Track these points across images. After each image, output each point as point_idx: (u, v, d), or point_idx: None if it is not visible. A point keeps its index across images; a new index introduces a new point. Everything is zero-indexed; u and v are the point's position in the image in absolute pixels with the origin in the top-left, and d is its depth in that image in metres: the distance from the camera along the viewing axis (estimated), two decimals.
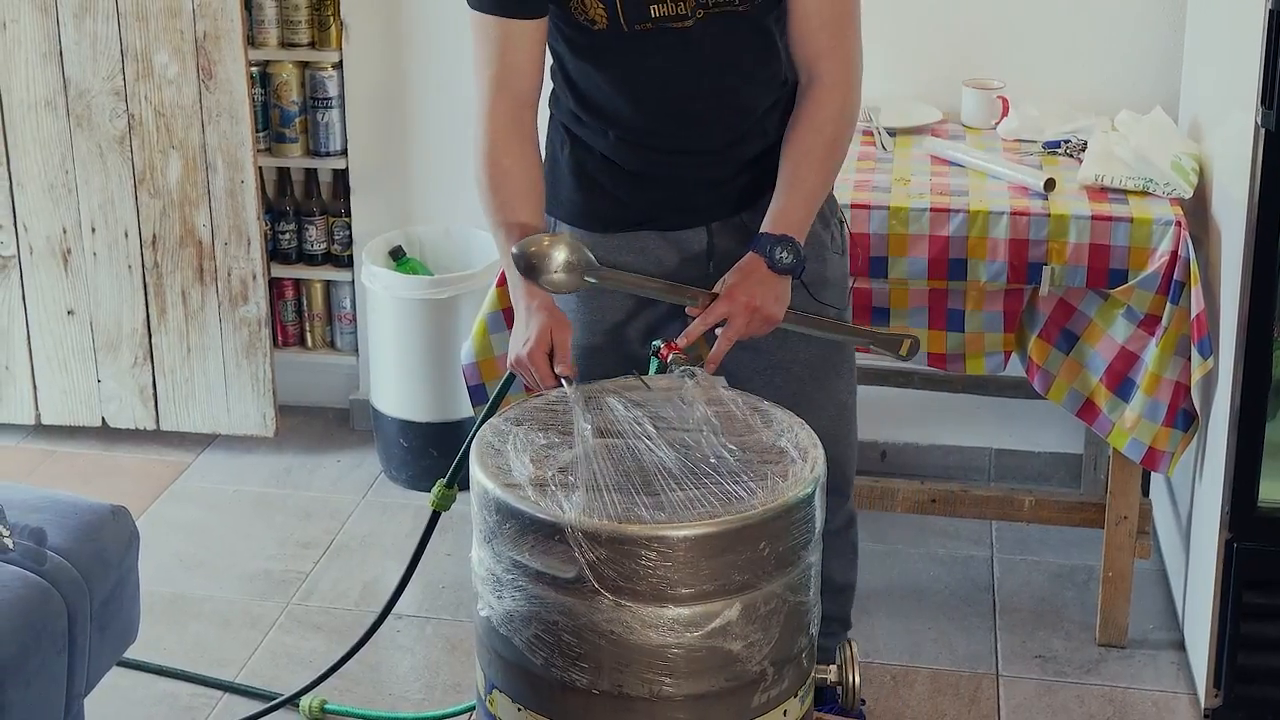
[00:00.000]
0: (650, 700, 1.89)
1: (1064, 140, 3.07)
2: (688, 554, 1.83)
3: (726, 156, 2.31)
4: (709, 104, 2.27)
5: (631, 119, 2.28)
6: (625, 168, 2.31)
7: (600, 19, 2.17)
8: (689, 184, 2.32)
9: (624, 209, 2.33)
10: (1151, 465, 2.83)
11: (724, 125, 2.29)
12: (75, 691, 2.30)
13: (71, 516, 2.37)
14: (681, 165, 2.31)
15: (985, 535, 3.39)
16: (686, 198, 2.33)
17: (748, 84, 2.27)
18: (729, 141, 2.30)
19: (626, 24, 2.17)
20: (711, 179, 2.32)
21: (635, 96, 2.26)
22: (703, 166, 2.31)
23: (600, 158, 2.32)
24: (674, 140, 2.29)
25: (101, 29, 3.49)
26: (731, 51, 2.23)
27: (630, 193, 2.33)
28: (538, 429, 2.03)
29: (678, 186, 2.32)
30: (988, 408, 3.53)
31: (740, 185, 2.33)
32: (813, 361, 2.41)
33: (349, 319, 3.85)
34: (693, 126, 2.28)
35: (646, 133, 2.29)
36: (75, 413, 3.77)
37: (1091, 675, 2.93)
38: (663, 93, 2.25)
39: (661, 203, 2.33)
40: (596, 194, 2.33)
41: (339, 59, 3.64)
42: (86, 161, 3.58)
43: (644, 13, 2.16)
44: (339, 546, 3.38)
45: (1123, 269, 2.76)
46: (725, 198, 2.34)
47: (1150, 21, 3.28)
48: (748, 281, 2.18)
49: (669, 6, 2.16)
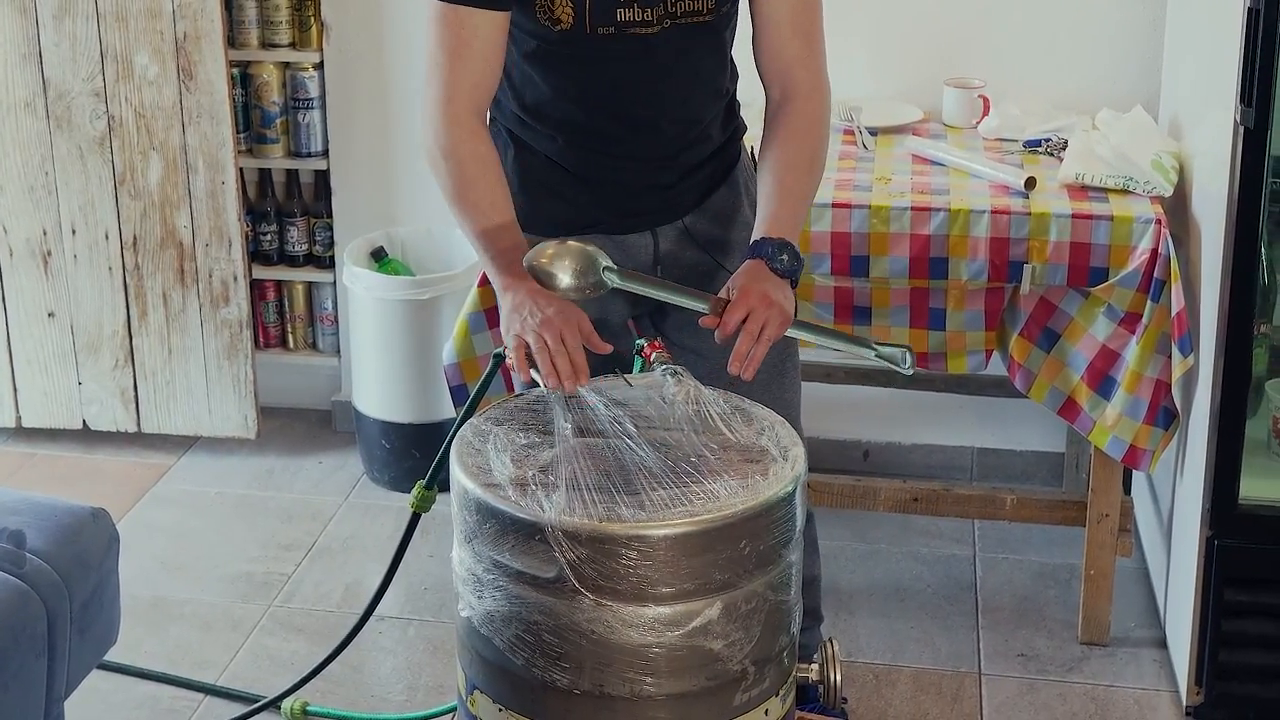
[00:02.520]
0: (631, 700, 1.88)
1: (1045, 139, 3.08)
2: (668, 553, 1.83)
3: (673, 163, 2.33)
4: (660, 111, 2.28)
5: (582, 124, 2.28)
6: (572, 172, 2.32)
7: (566, 19, 2.17)
8: (636, 189, 2.33)
9: (571, 212, 2.33)
10: (1133, 463, 2.84)
11: (674, 132, 2.31)
12: (55, 695, 2.29)
13: (51, 519, 2.37)
14: (629, 170, 2.32)
15: (967, 534, 3.39)
16: (633, 202, 2.34)
17: (699, 92, 2.30)
18: (678, 148, 2.32)
19: (590, 26, 2.17)
20: (658, 184, 2.34)
21: (588, 102, 2.27)
22: (650, 172, 2.32)
23: (547, 161, 2.32)
24: (623, 146, 2.30)
25: (81, 30, 3.48)
26: (688, 60, 2.26)
27: (577, 197, 2.33)
28: (518, 429, 2.03)
29: (624, 191, 2.33)
30: (970, 407, 3.53)
31: (684, 190, 2.35)
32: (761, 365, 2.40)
33: (330, 320, 3.84)
34: (643, 133, 2.30)
35: (597, 137, 2.29)
36: (56, 415, 3.76)
37: (1074, 673, 2.94)
38: (616, 98, 2.26)
39: (608, 207, 2.34)
40: (543, 198, 2.33)
41: (320, 59, 3.64)
42: (66, 163, 3.57)
43: (610, 16, 2.17)
44: (321, 548, 3.37)
45: (1103, 267, 2.76)
46: (670, 202, 2.35)
47: (1130, 21, 3.29)
48: (758, 282, 2.16)
49: (635, 11, 2.17)
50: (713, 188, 2.37)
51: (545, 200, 2.33)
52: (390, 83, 3.64)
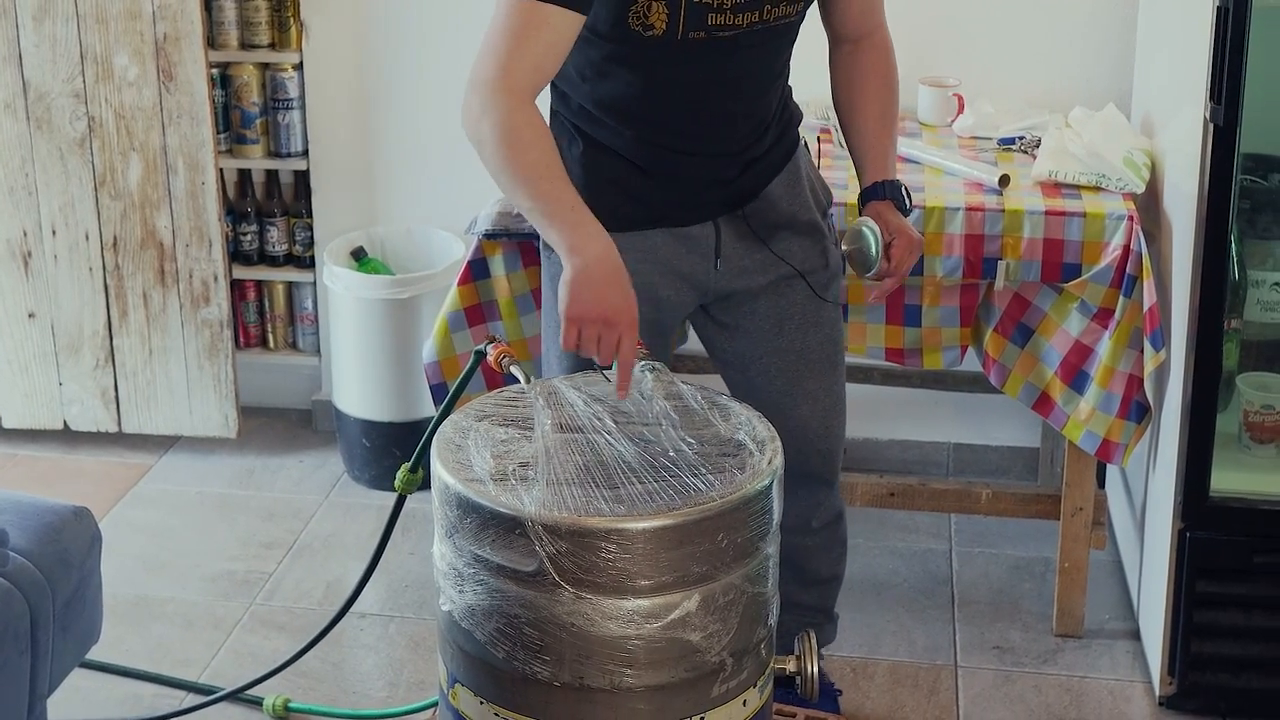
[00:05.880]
0: (611, 691, 1.91)
1: (1019, 137, 3.11)
2: (647, 546, 1.86)
3: (739, 157, 2.37)
4: (737, 107, 2.32)
5: (658, 120, 2.29)
6: (641, 167, 2.32)
7: (660, 25, 2.17)
8: (702, 183, 2.37)
9: (636, 208, 2.33)
10: (1106, 457, 2.86)
11: (746, 127, 2.35)
12: (38, 692, 2.30)
13: (33, 518, 2.38)
14: (697, 165, 2.34)
15: (943, 528, 3.42)
16: (698, 196, 2.38)
17: (773, 86, 2.36)
18: (745, 143, 2.36)
19: (682, 32, 2.18)
20: (722, 178, 2.37)
21: (667, 99, 2.27)
22: (717, 167, 2.36)
23: (615, 156, 2.32)
24: (695, 142, 2.32)
25: (61, 31, 3.49)
26: (766, 58, 2.30)
27: (643, 192, 2.34)
28: (498, 424, 2.05)
29: (690, 185, 2.36)
30: (945, 402, 3.56)
31: (746, 181, 2.39)
32: (808, 351, 2.47)
33: (311, 320, 3.85)
34: (718, 128, 2.32)
35: (670, 133, 2.31)
36: (36, 416, 3.76)
37: (1048, 665, 2.97)
38: (696, 96, 2.28)
39: (673, 201, 2.36)
40: (609, 193, 2.29)
41: (299, 60, 3.65)
42: (47, 164, 3.58)
43: (702, 22, 2.18)
44: (302, 547, 3.39)
45: (1076, 263, 2.79)
46: (731, 195, 2.39)
47: (1103, 19, 3.32)
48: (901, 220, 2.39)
49: (728, 16, 2.19)
50: (771, 176, 2.41)
51: (611, 195, 2.29)
52: (370, 83, 3.65)
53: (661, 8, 2.15)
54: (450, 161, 3.62)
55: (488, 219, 2.87)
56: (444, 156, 3.63)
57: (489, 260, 2.89)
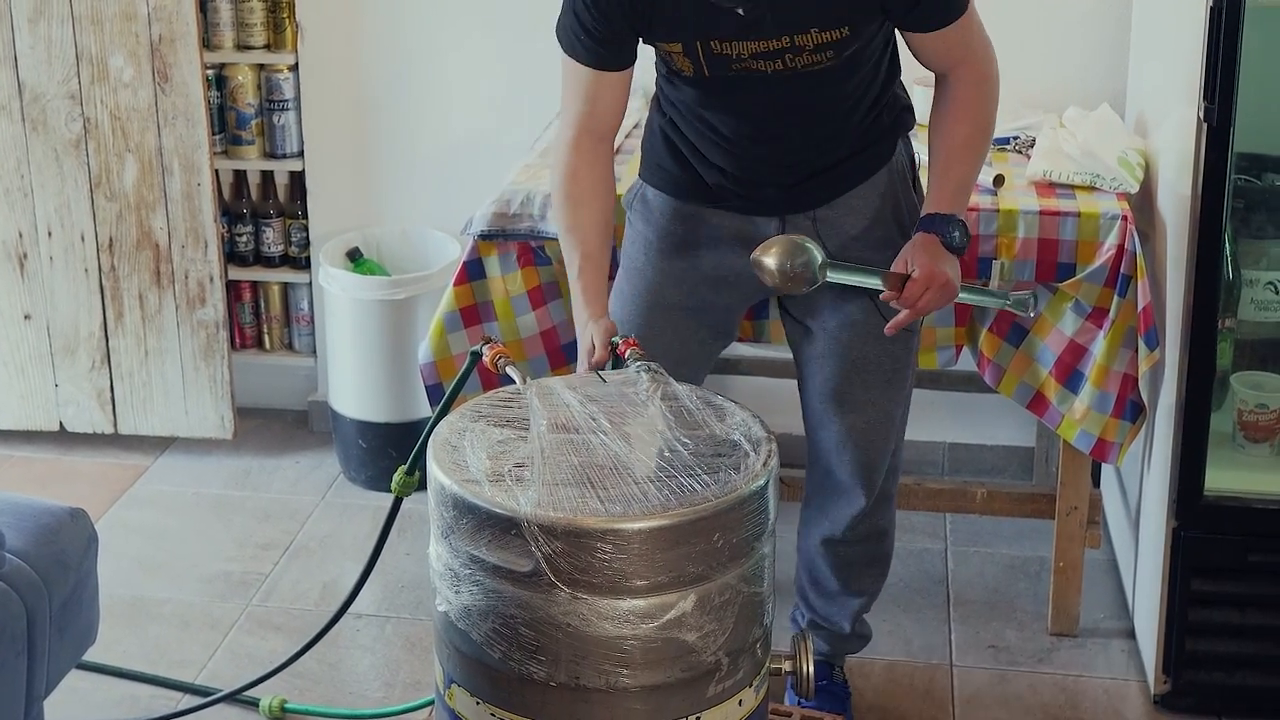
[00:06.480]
0: (607, 691, 1.91)
1: (1013, 137, 3.11)
2: (642, 546, 1.86)
3: (797, 168, 2.41)
4: (789, 128, 2.37)
5: (718, 127, 2.39)
6: (709, 158, 2.43)
7: (688, 70, 2.30)
8: (760, 183, 2.42)
9: (704, 188, 2.45)
10: (1101, 456, 2.87)
11: (800, 143, 2.39)
12: (35, 694, 2.30)
13: (29, 519, 2.38)
14: (754, 168, 2.41)
15: (939, 528, 3.42)
16: (758, 192, 2.42)
17: (830, 113, 2.37)
18: (803, 156, 2.40)
19: (710, 73, 2.29)
20: (781, 183, 2.41)
21: (720, 116, 2.37)
22: (773, 173, 2.41)
23: (688, 142, 2.44)
24: (750, 151, 2.39)
25: (56, 33, 3.49)
26: (815, 94, 2.32)
27: (710, 176, 2.44)
28: (494, 424, 2.05)
29: (750, 184, 2.42)
30: (941, 402, 3.56)
31: (812, 187, 2.42)
32: (865, 363, 2.50)
33: (306, 321, 3.85)
34: (774, 143, 2.38)
35: (729, 140, 2.39)
36: (32, 417, 3.76)
37: (1044, 664, 2.97)
38: (744, 118, 2.36)
39: (735, 191, 2.42)
40: (685, 168, 2.45)
41: (295, 61, 3.65)
42: (42, 165, 3.58)
43: (725, 68, 2.26)
44: (298, 547, 3.39)
45: (1070, 263, 2.80)
46: (794, 197, 2.43)
47: (1097, 19, 3.32)
48: (935, 259, 2.28)
49: (746, 64, 2.25)
50: (846, 186, 2.43)
51: (685, 170, 2.45)
52: (365, 84, 3.66)
53: (684, 58, 2.28)
54: (445, 162, 3.63)
55: (483, 219, 2.88)
56: (439, 157, 3.64)
57: (485, 261, 2.89)
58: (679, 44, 2.26)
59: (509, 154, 3.26)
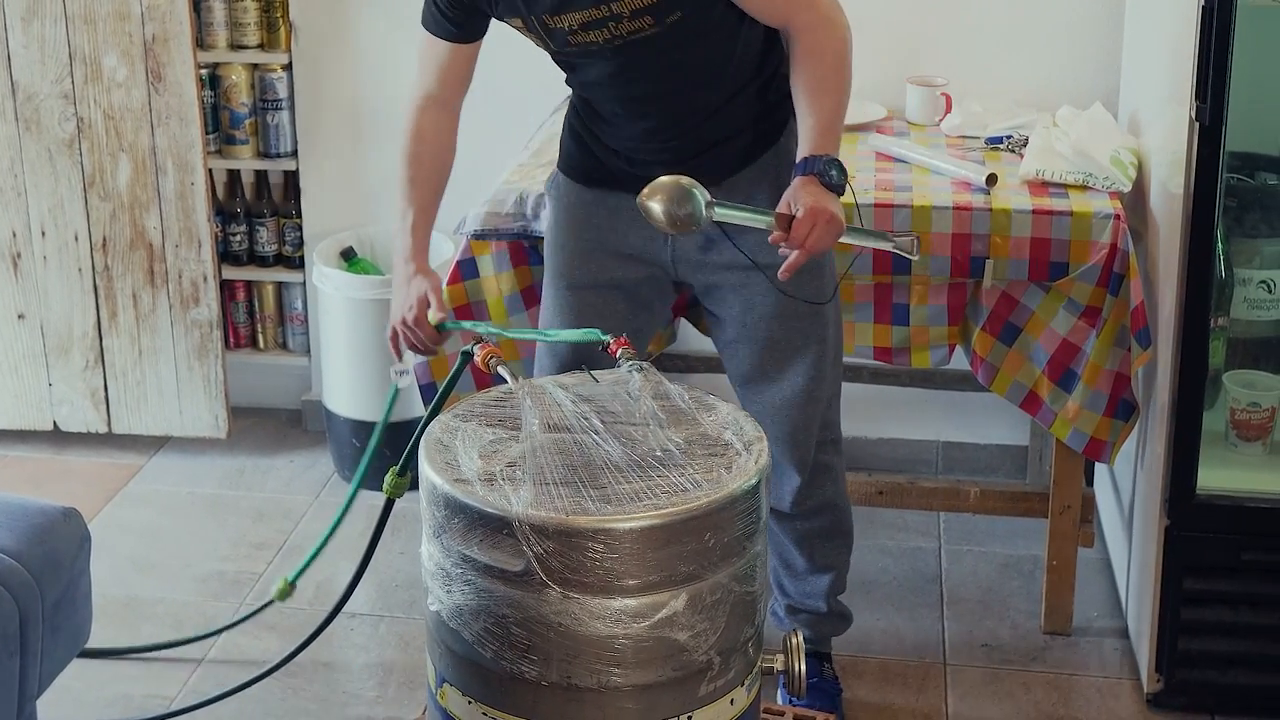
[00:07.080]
0: (599, 691, 1.91)
1: (1006, 136, 3.11)
2: (634, 546, 1.86)
3: (685, 147, 2.46)
4: (653, 104, 2.44)
5: (596, 108, 2.50)
6: (602, 140, 2.53)
7: (539, 43, 2.42)
8: (644, 161, 2.48)
9: (600, 168, 2.55)
10: (1094, 455, 2.87)
11: (675, 121, 2.45)
12: (28, 693, 2.30)
13: (22, 519, 2.37)
14: (635, 144, 2.48)
15: (933, 526, 3.43)
16: (651, 173, 2.41)
17: (694, 87, 2.42)
18: (679, 131, 2.46)
19: (556, 48, 2.40)
20: (661, 160, 2.45)
21: (595, 95, 2.49)
22: (652, 150, 2.48)
23: (586, 126, 2.55)
24: (626, 127, 2.48)
25: (49, 32, 3.49)
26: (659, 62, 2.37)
27: (605, 158, 2.54)
28: (486, 424, 2.05)
29: (644, 166, 2.45)
30: (934, 401, 3.57)
31: (699, 168, 2.41)
32: (777, 342, 2.55)
33: (300, 320, 3.85)
34: (646, 120, 2.46)
35: (608, 121, 2.50)
36: (26, 417, 3.76)
37: (1037, 663, 2.98)
38: (609, 96, 2.45)
39: (632, 176, 2.45)
40: (585, 153, 2.57)
41: (288, 60, 3.65)
42: (36, 165, 3.58)
43: (564, 43, 2.35)
44: (292, 547, 3.39)
45: (1063, 262, 2.80)
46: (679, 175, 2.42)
47: (1090, 19, 3.33)
48: (818, 198, 2.29)
49: (579, 36, 2.32)
50: (736, 167, 2.49)
51: (586, 153, 2.56)
52: (359, 83, 3.66)
53: (530, 34, 2.40)
54: None
55: (477, 219, 2.88)
56: None
57: (478, 260, 2.90)
58: (519, 19, 2.36)
59: (502, 154, 3.26)
